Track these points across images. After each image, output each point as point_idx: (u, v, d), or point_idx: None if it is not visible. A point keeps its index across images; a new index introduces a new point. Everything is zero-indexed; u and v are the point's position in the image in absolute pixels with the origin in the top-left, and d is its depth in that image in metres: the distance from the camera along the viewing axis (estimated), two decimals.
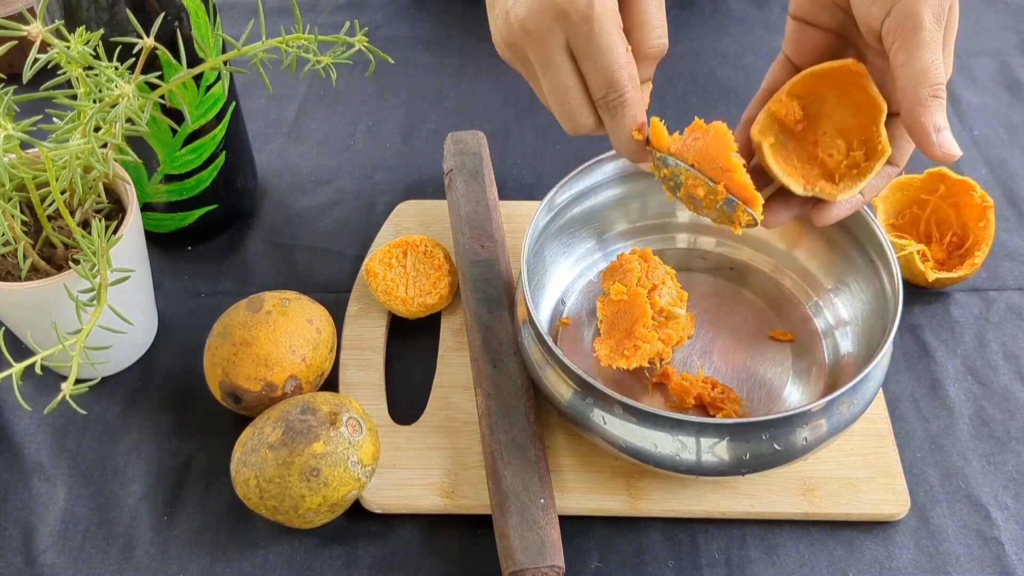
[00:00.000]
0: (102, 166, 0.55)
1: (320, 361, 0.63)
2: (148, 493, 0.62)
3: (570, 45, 0.51)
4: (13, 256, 0.60)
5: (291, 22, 0.92)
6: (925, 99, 0.49)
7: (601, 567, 0.59)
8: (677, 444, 0.55)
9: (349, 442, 0.56)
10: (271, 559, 0.59)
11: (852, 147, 0.56)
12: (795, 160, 0.57)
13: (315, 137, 0.85)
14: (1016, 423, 0.65)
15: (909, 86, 0.50)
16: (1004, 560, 0.59)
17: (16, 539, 0.60)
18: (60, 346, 0.52)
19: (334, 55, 0.59)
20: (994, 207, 0.70)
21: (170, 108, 0.64)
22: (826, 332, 0.66)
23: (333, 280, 0.74)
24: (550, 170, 0.81)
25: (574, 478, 0.61)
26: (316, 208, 0.79)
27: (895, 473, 0.61)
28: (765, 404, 0.63)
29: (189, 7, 0.62)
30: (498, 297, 0.66)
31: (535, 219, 0.63)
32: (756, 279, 0.70)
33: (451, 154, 0.76)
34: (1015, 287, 0.72)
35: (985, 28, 0.93)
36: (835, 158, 0.56)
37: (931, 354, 0.68)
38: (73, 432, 0.65)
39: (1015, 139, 0.83)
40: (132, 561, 0.59)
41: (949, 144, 0.50)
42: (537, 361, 0.60)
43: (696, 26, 0.94)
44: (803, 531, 0.60)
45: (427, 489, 0.61)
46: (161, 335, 0.70)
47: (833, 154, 0.56)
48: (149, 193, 0.70)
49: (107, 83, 0.54)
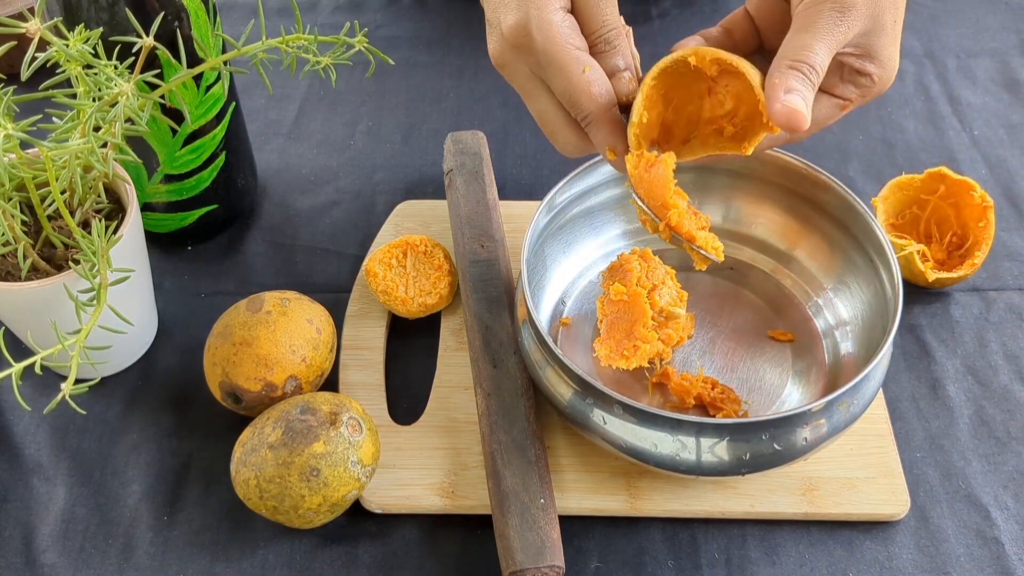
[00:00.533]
0: (102, 166, 0.55)
1: (320, 361, 0.63)
2: (148, 493, 0.62)
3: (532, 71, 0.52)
4: (13, 256, 0.60)
5: (291, 22, 0.92)
6: (783, 68, 0.50)
7: (601, 567, 0.59)
8: (677, 444, 0.55)
9: (349, 442, 0.56)
10: (271, 559, 0.59)
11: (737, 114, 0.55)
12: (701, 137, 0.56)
13: (315, 137, 0.85)
14: (1016, 423, 0.65)
15: (776, 59, 0.50)
16: (1004, 560, 0.59)
17: (16, 539, 0.60)
18: (60, 346, 0.52)
19: (334, 55, 0.59)
20: (994, 207, 0.70)
21: (170, 108, 0.64)
22: (826, 332, 0.66)
23: (333, 280, 0.74)
24: (550, 170, 0.81)
25: (574, 478, 0.61)
26: (316, 208, 0.79)
27: (895, 473, 0.61)
28: (765, 404, 0.63)
29: (189, 7, 0.62)
30: (498, 297, 0.66)
31: (535, 219, 0.63)
32: (756, 279, 0.70)
33: (451, 154, 0.76)
34: (1015, 287, 0.72)
35: (985, 28, 0.93)
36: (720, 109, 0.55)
37: (931, 354, 0.68)
38: (73, 432, 0.65)
39: (1015, 139, 0.83)
40: (132, 561, 0.59)
41: (793, 101, 0.49)
42: (537, 361, 0.60)
43: (696, 26, 0.93)
44: (803, 531, 0.60)
45: (427, 489, 0.61)
46: (161, 335, 0.70)
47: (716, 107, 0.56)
48: (149, 193, 0.70)
49: (106, 82, 0.54)
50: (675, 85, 0.55)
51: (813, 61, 0.50)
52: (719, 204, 0.70)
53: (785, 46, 0.51)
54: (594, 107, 0.52)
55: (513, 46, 0.51)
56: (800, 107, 0.49)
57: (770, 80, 0.50)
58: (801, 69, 0.49)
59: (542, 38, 0.50)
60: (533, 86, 0.53)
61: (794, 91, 0.49)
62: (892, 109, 0.86)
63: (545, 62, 0.51)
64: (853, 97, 0.54)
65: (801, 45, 0.50)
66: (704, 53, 0.53)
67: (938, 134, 0.84)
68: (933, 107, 0.86)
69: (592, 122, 0.53)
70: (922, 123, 0.85)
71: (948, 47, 0.92)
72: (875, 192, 0.75)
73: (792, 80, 0.49)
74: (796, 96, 0.49)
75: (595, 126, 0.53)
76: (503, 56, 0.53)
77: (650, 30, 0.93)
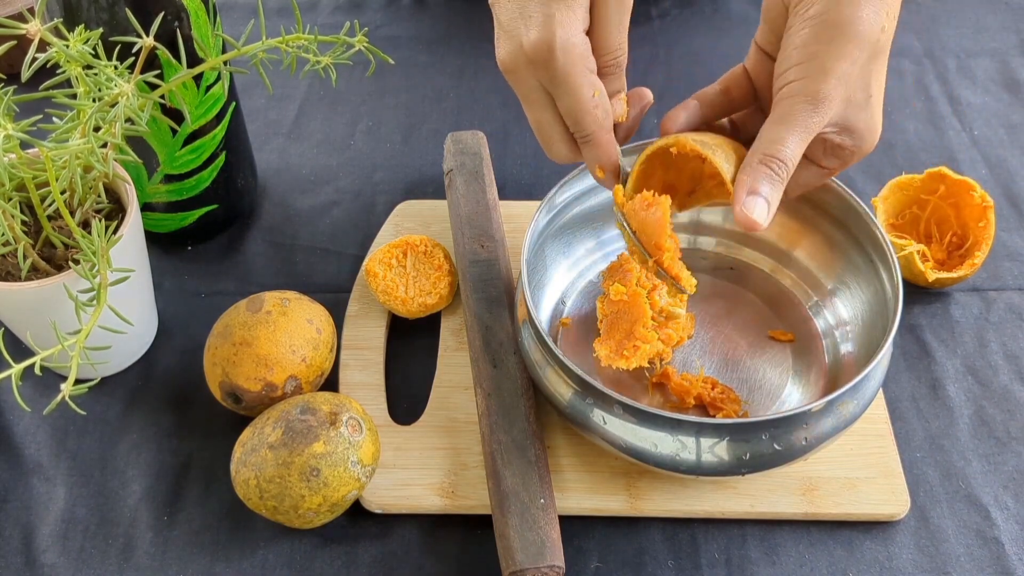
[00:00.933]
0: (102, 166, 0.55)
1: (320, 361, 0.63)
2: (148, 493, 0.62)
3: (542, 84, 0.53)
4: (13, 256, 0.60)
5: (291, 22, 0.92)
6: (754, 163, 0.53)
7: (601, 567, 0.59)
8: (677, 444, 0.55)
9: (349, 442, 0.56)
10: (271, 559, 0.59)
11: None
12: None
13: (315, 137, 0.85)
14: (1016, 423, 0.65)
15: (752, 149, 0.53)
16: (1004, 560, 0.59)
17: (16, 539, 0.60)
18: (60, 346, 0.52)
19: (334, 55, 0.59)
20: (994, 207, 0.70)
21: (170, 108, 0.64)
22: (826, 332, 0.66)
23: (333, 280, 0.74)
24: (550, 170, 0.81)
25: (574, 478, 0.61)
26: (316, 208, 0.79)
27: (895, 473, 0.61)
28: (765, 404, 0.63)
29: (189, 7, 0.62)
30: (498, 297, 0.66)
31: (535, 219, 0.63)
32: (756, 279, 0.70)
33: (451, 154, 0.76)
34: (1015, 287, 0.72)
35: (985, 28, 0.93)
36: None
37: (931, 354, 0.68)
38: (73, 432, 0.65)
39: (1015, 139, 0.83)
40: (132, 561, 0.59)
41: (752, 207, 0.52)
42: (537, 361, 0.60)
43: (696, 26, 0.94)
44: (803, 531, 0.60)
45: (427, 489, 0.61)
46: (161, 335, 0.70)
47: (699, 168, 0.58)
48: (149, 193, 0.70)
49: (106, 82, 0.54)
50: (668, 155, 0.58)
51: (784, 156, 0.52)
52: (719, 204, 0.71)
53: (760, 137, 0.53)
54: (596, 128, 0.54)
55: (531, 60, 0.52)
56: (758, 216, 0.52)
57: (740, 175, 0.53)
58: (771, 165, 0.52)
59: (564, 59, 0.51)
60: (538, 97, 0.54)
61: (758, 193, 0.52)
62: (892, 109, 0.86)
63: (560, 80, 0.52)
64: (835, 166, 0.57)
65: (774, 138, 0.52)
66: (684, 142, 0.55)
67: (938, 134, 0.84)
68: (933, 107, 0.86)
69: (590, 141, 0.55)
70: (922, 123, 0.85)
71: (948, 47, 0.92)
72: (875, 192, 0.75)
73: (760, 179, 0.52)
74: (758, 201, 0.52)
75: (592, 145, 0.55)
76: (516, 65, 0.53)
77: (650, 30, 0.93)
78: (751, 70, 0.59)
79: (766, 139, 0.53)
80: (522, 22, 0.52)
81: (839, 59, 0.51)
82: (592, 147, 0.55)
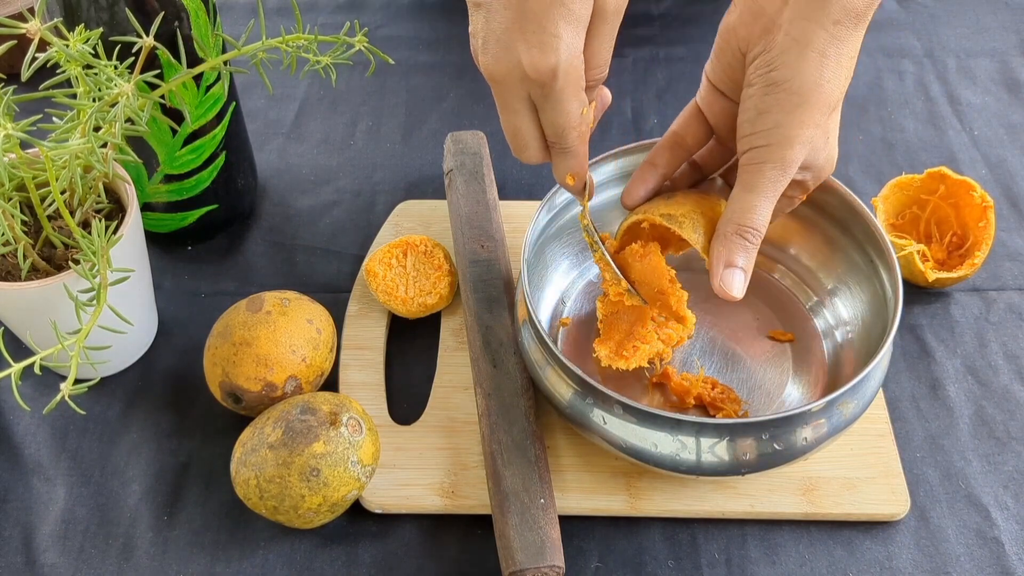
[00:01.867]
0: (102, 166, 0.55)
1: (320, 361, 0.63)
2: (148, 493, 0.62)
3: (531, 96, 0.52)
4: (13, 256, 0.60)
5: (291, 22, 0.92)
6: (728, 233, 0.54)
7: (601, 567, 0.59)
8: (677, 444, 0.55)
9: (349, 442, 0.56)
10: (271, 559, 0.59)
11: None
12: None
13: (315, 137, 0.85)
14: (1016, 423, 0.65)
15: (724, 217, 0.55)
16: (1004, 560, 0.59)
17: (16, 539, 0.60)
18: (60, 346, 0.52)
19: (334, 55, 0.59)
20: (994, 207, 0.70)
21: (170, 108, 0.64)
22: (826, 332, 0.66)
23: (333, 280, 0.74)
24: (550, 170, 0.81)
25: (574, 478, 0.61)
26: (316, 208, 0.79)
27: (895, 473, 0.61)
28: (765, 404, 0.63)
29: (189, 7, 0.62)
30: (498, 297, 0.66)
31: (535, 219, 0.63)
32: (756, 279, 0.69)
33: (451, 154, 0.76)
34: (1015, 287, 0.72)
35: (985, 28, 0.93)
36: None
37: (931, 354, 0.68)
38: (73, 432, 0.65)
39: (1015, 139, 0.83)
40: (132, 561, 0.59)
41: (730, 282, 0.54)
42: (537, 361, 0.60)
43: (696, 26, 0.94)
44: (803, 531, 0.60)
45: (427, 489, 0.61)
46: (161, 335, 0.70)
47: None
48: (149, 193, 0.70)
49: (106, 82, 0.54)
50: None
51: (756, 223, 0.54)
52: None
53: (731, 205, 0.55)
54: (577, 141, 0.54)
55: (527, 78, 0.50)
56: (736, 290, 0.54)
57: (714, 246, 0.55)
58: (745, 236, 0.54)
59: (564, 80, 0.50)
60: (521, 106, 0.53)
61: (735, 266, 0.54)
62: (892, 109, 0.86)
63: (554, 98, 0.51)
64: (799, 195, 0.59)
65: (746, 207, 0.54)
66: (653, 217, 0.58)
67: (938, 134, 0.84)
68: (933, 107, 0.86)
69: (568, 152, 0.55)
70: (922, 123, 0.85)
71: (948, 47, 0.92)
72: (875, 192, 0.75)
73: (735, 252, 0.54)
74: (735, 274, 0.54)
75: (568, 155, 0.55)
76: (508, 78, 0.51)
77: (650, 30, 0.93)
78: (705, 108, 0.59)
79: (738, 209, 0.54)
80: (522, 36, 0.49)
81: (803, 127, 0.52)
82: (568, 157, 0.55)
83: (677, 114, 0.85)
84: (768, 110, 0.53)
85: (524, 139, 0.55)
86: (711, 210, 0.58)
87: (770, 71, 0.52)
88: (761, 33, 0.53)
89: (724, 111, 0.58)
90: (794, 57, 0.52)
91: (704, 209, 0.58)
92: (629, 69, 0.89)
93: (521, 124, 0.54)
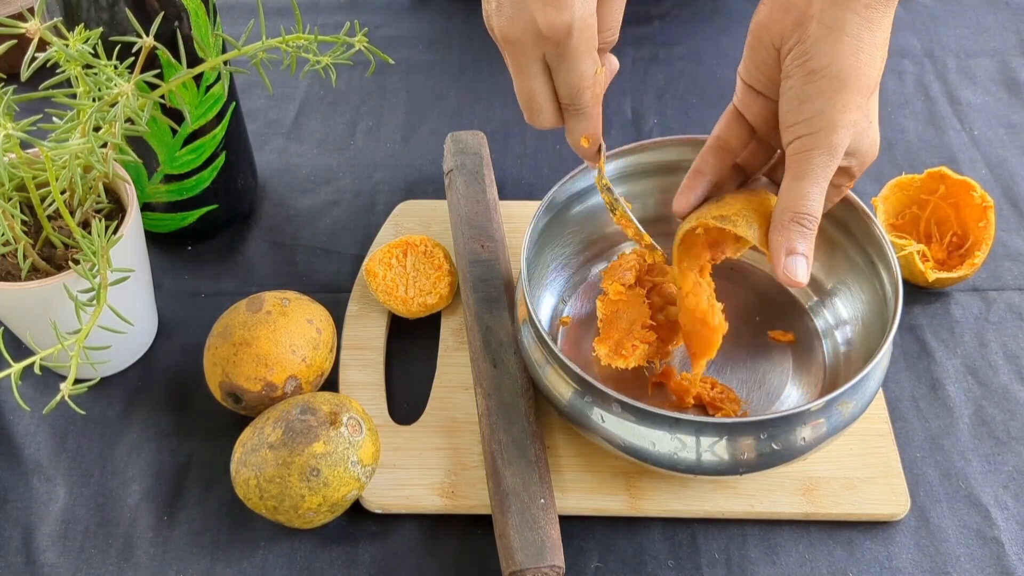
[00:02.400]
0: (102, 166, 0.55)
1: (320, 361, 0.63)
2: (148, 493, 0.62)
3: (545, 57, 0.53)
4: (13, 256, 0.60)
5: (291, 22, 0.92)
6: (785, 222, 0.54)
7: (601, 567, 0.59)
8: (676, 443, 0.55)
9: (349, 442, 0.56)
10: (271, 559, 0.59)
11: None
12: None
13: (315, 137, 0.85)
14: (1016, 423, 0.65)
15: (779, 207, 0.55)
16: (1004, 560, 0.59)
17: (16, 539, 0.60)
18: (60, 346, 0.52)
19: (334, 55, 0.59)
20: (994, 207, 0.70)
21: (170, 108, 0.64)
22: (826, 332, 0.66)
23: (333, 280, 0.74)
24: (550, 170, 0.81)
25: (574, 478, 0.61)
26: (316, 208, 0.79)
27: (895, 473, 0.61)
28: (765, 404, 0.63)
29: (189, 7, 0.62)
30: (498, 297, 0.66)
31: (535, 219, 0.63)
32: (756, 279, 0.70)
33: (451, 154, 0.76)
34: (1015, 287, 0.72)
35: (985, 28, 0.93)
36: None
37: (931, 354, 0.68)
38: (73, 432, 0.65)
39: (1015, 139, 0.83)
40: (132, 561, 0.59)
41: (794, 269, 0.54)
42: (537, 361, 0.60)
43: (696, 26, 0.94)
44: (803, 531, 0.60)
45: (427, 489, 0.61)
46: (161, 335, 0.70)
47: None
48: (149, 193, 0.70)
49: (106, 82, 0.54)
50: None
51: (811, 209, 0.54)
52: None
53: (784, 194, 0.55)
54: (592, 102, 0.54)
55: (542, 36, 0.51)
56: (800, 274, 0.54)
57: (773, 236, 0.55)
58: (802, 223, 0.54)
59: (579, 38, 0.51)
60: (536, 68, 0.53)
61: (796, 252, 0.54)
62: (892, 109, 0.86)
63: (568, 57, 0.52)
64: (846, 182, 0.59)
65: (799, 194, 0.54)
66: (706, 222, 0.57)
67: (938, 134, 0.83)
68: (933, 107, 0.86)
69: (582, 113, 0.55)
70: (922, 123, 0.85)
71: (948, 47, 0.91)
72: (875, 192, 0.75)
73: (794, 238, 0.54)
74: (799, 261, 0.54)
75: (583, 116, 0.55)
76: (522, 38, 0.52)
77: (650, 30, 0.93)
78: (744, 109, 0.59)
79: (791, 197, 0.54)
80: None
81: (845, 111, 0.53)
82: (583, 119, 0.55)
83: (677, 114, 0.86)
84: (809, 98, 0.53)
85: (539, 102, 0.55)
86: (761, 205, 0.58)
87: (807, 60, 0.53)
88: (793, 26, 0.53)
89: (763, 110, 0.58)
90: (830, 44, 0.52)
91: (755, 205, 0.57)
92: (629, 69, 0.89)
93: (536, 86, 0.54)
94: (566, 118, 0.56)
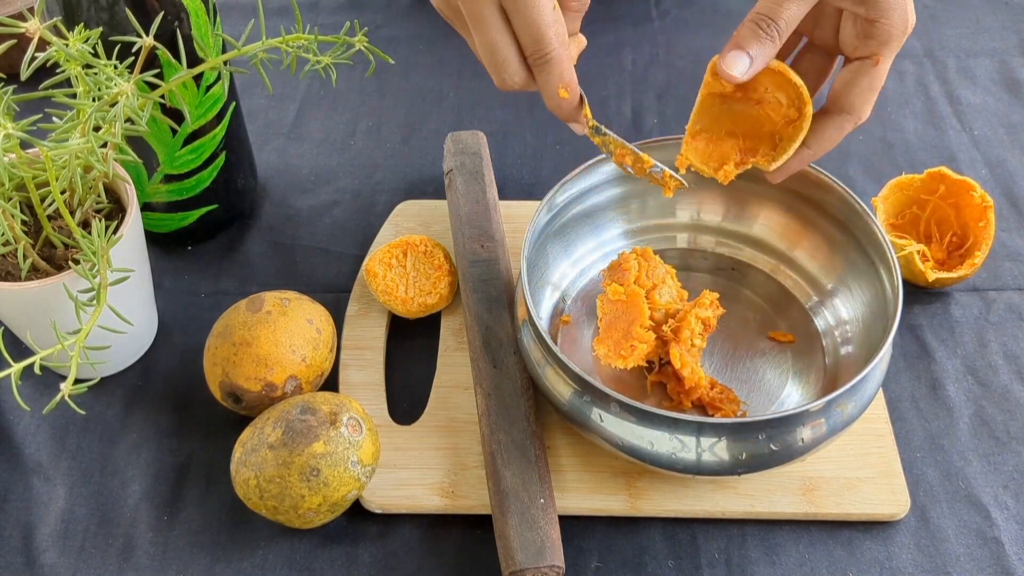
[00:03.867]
0: (102, 166, 0.55)
1: (320, 361, 0.63)
2: (148, 493, 0.62)
3: (501, 3, 0.51)
4: (13, 256, 0.60)
5: (291, 22, 0.92)
6: (747, 22, 0.54)
7: (601, 567, 0.59)
8: (675, 443, 0.55)
9: (349, 442, 0.56)
10: (271, 559, 0.59)
11: (787, 104, 0.58)
12: (731, 133, 0.60)
13: (315, 137, 0.85)
14: (1016, 423, 0.65)
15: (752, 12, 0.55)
16: (1004, 560, 0.59)
17: (16, 539, 0.60)
18: (60, 346, 0.52)
19: (334, 55, 0.59)
20: (994, 207, 0.70)
21: (170, 108, 0.64)
22: (826, 332, 0.66)
23: (333, 280, 0.74)
24: (550, 170, 0.81)
25: (574, 478, 0.61)
26: (316, 208, 0.79)
27: (895, 473, 0.61)
28: (765, 404, 0.63)
29: (189, 7, 0.62)
30: (498, 297, 0.66)
31: (535, 219, 0.63)
32: (756, 279, 0.70)
33: (451, 154, 0.76)
34: (1015, 287, 0.72)
35: (985, 28, 0.93)
36: (778, 112, 0.58)
37: (931, 354, 0.68)
38: (73, 432, 0.65)
39: (1015, 139, 0.83)
40: (132, 561, 0.59)
41: (732, 63, 0.54)
42: (537, 360, 0.60)
43: (696, 26, 0.94)
44: (803, 531, 0.60)
45: (427, 489, 0.61)
46: (161, 335, 0.70)
47: (775, 110, 0.58)
48: (149, 193, 0.70)
49: (106, 82, 0.54)
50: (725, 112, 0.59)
51: (775, 15, 0.54)
52: (719, 203, 0.71)
53: (761, 1, 0.55)
54: (558, 44, 0.52)
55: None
56: (735, 69, 0.54)
57: (735, 34, 0.55)
58: (760, 24, 0.54)
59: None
60: (491, 14, 0.52)
61: (742, 49, 0.54)
62: (892, 109, 0.86)
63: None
64: (876, 49, 0.56)
65: (773, 1, 0.54)
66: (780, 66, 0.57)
67: (938, 134, 0.83)
68: (933, 107, 0.86)
69: (551, 60, 0.53)
70: (922, 123, 0.85)
71: (948, 47, 0.92)
72: (875, 192, 0.75)
73: (747, 35, 0.54)
74: (740, 57, 0.54)
75: (553, 63, 0.53)
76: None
77: (650, 30, 0.93)
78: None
79: (766, 3, 0.54)
80: None
81: None
82: (553, 66, 0.53)
83: (677, 114, 0.86)
84: None
85: (502, 54, 0.53)
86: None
87: None
88: None
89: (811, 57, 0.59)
90: None
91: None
92: (629, 69, 0.89)
93: (496, 37, 0.52)
94: (536, 73, 0.54)
